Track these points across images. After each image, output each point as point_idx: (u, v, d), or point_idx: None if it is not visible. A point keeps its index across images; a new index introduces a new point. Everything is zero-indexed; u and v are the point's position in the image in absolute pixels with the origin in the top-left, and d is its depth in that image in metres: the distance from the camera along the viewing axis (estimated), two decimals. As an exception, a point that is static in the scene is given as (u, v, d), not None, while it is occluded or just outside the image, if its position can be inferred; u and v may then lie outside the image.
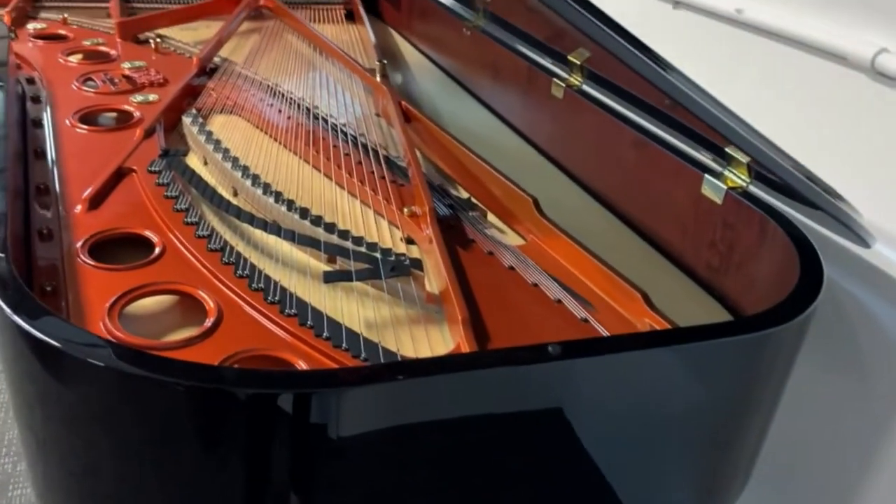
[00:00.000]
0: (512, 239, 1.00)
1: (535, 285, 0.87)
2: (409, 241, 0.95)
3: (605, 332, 0.79)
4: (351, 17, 1.98)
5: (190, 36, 1.67)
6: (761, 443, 0.79)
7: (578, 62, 1.21)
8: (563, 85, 1.22)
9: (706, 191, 0.92)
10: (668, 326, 0.80)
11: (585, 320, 0.81)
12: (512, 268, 0.90)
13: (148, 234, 0.87)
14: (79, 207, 0.91)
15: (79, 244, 0.84)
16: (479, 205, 1.06)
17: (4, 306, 0.60)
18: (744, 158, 0.88)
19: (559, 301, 0.84)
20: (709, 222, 0.92)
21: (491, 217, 1.05)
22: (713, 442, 0.73)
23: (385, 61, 1.44)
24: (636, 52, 0.78)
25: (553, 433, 0.63)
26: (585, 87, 1.20)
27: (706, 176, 0.91)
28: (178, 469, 0.60)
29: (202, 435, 0.58)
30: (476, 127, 1.43)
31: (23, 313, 0.59)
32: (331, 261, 0.88)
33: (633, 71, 0.80)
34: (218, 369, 0.63)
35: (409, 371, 0.56)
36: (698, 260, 0.94)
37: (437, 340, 0.78)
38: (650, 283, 0.87)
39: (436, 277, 0.85)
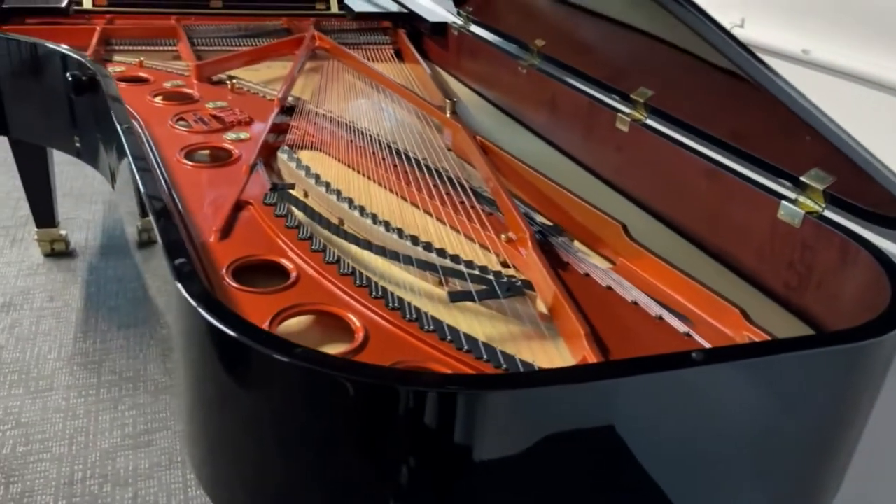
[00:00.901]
0: (599, 262, 1.08)
1: (635, 303, 0.95)
2: (504, 265, 1.03)
3: (707, 346, 0.87)
4: (399, 55, 2.09)
5: (254, 76, 1.77)
6: (853, 452, 0.86)
7: (642, 100, 1.30)
8: (629, 119, 1.31)
9: (783, 216, 1.00)
10: (770, 339, 0.87)
11: (688, 335, 0.89)
12: (609, 288, 0.98)
13: (283, 261, 0.95)
14: (212, 237, 0.99)
15: (223, 270, 0.92)
16: (566, 231, 1.14)
17: (204, 312, 0.68)
18: (820, 185, 0.97)
19: (660, 318, 0.92)
20: (787, 245, 1.00)
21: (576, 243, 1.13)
22: (816, 448, 0.80)
23: (455, 99, 1.53)
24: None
25: (684, 438, 0.71)
26: (650, 122, 1.29)
27: (783, 202, 1.00)
28: (346, 463, 0.68)
29: (375, 431, 0.66)
30: (535, 158, 1.52)
31: (218, 317, 0.67)
32: (442, 283, 0.96)
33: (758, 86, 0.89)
34: (397, 370, 0.71)
35: (583, 375, 0.64)
36: (776, 280, 1.02)
37: (553, 354, 0.86)
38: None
39: (545, 296, 0.93)
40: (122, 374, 1.80)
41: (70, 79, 1.40)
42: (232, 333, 0.65)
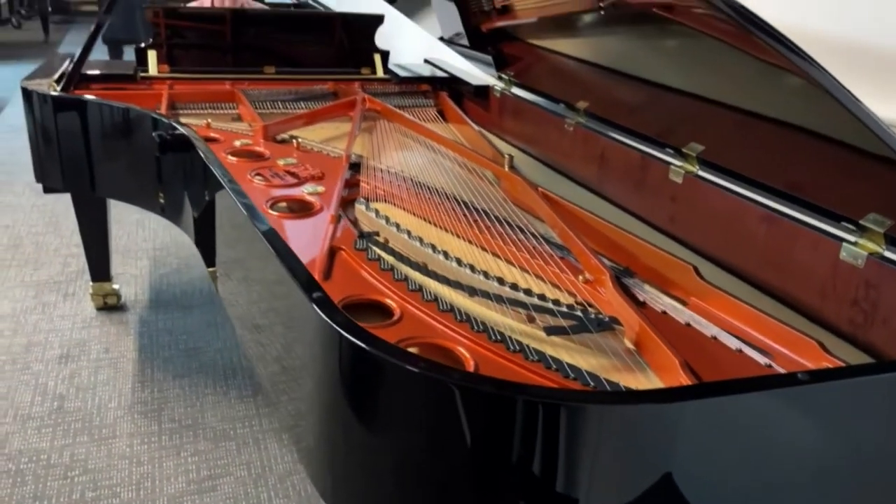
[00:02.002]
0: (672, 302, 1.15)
1: (714, 338, 1.01)
2: (585, 304, 1.09)
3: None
4: (442, 115, 2.20)
5: (312, 135, 1.88)
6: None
7: (693, 154, 1.39)
8: (682, 171, 1.40)
9: (845, 257, 1.08)
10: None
11: (770, 366, 0.95)
12: (688, 324, 1.05)
13: (387, 301, 1.02)
14: (317, 278, 1.07)
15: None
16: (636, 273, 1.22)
17: (342, 330, 0.75)
18: (880, 229, 1.04)
19: (740, 350, 0.98)
20: (850, 284, 1.07)
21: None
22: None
23: (512, 155, 1.63)
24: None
25: (784, 459, 0.77)
26: (702, 173, 1.38)
27: (843, 244, 1.07)
28: (462, 467, 0.74)
29: (496, 439, 0.71)
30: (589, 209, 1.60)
31: (355, 335, 0.74)
32: (530, 320, 1.02)
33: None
34: (521, 385, 0.77)
35: (702, 392, 0.70)
36: (840, 317, 1.09)
37: (647, 385, 0.92)
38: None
39: (632, 331, 0.99)
40: (182, 422, 1.85)
41: (157, 139, 1.50)
42: (391, 359, 0.72)
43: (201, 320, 2.35)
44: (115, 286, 2.40)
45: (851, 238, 1.07)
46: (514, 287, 1.08)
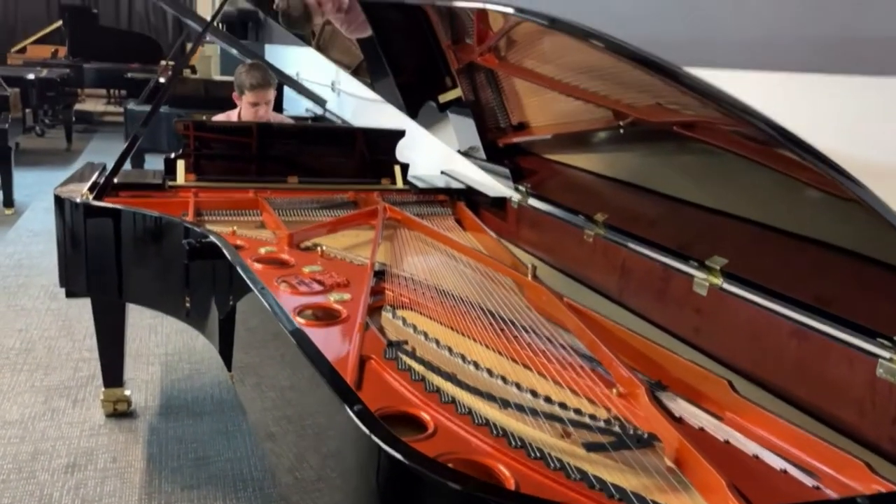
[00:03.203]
0: (707, 417, 1.12)
1: (756, 457, 0.99)
2: (619, 419, 1.07)
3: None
4: (460, 224, 2.24)
5: (334, 242, 1.91)
6: None
7: (717, 267, 1.40)
8: (707, 283, 1.41)
9: (882, 374, 1.06)
10: (898, 490, 0.90)
11: (818, 488, 0.92)
12: (727, 441, 1.02)
13: (423, 415, 1.00)
14: (349, 390, 1.05)
15: (366, 420, 0.97)
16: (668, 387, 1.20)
17: (384, 445, 0.73)
18: (915, 346, 1.04)
19: (784, 471, 0.95)
20: (889, 401, 1.05)
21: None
22: None
23: (536, 265, 1.64)
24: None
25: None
26: (726, 286, 1.38)
27: (880, 360, 1.06)
28: None
29: None
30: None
31: (397, 449, 0.73)
32: (566, 434, 1.00)
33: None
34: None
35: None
36: (881, 435, 1.06)
37: (688, 506, 0.89)
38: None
39: (671, 448, 0.97)
40: (189, 538, 1.77)
41: (187, 246, 1.53)
42: (434, 476, 0.70)
43: (212, 428, 2.30)
44: (127, 392, 2.37)
45: (887, 354, 1.06)
46: (549, 400, 1.07)
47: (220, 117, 3.05)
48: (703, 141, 1.31)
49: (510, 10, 1.20)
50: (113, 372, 2.31)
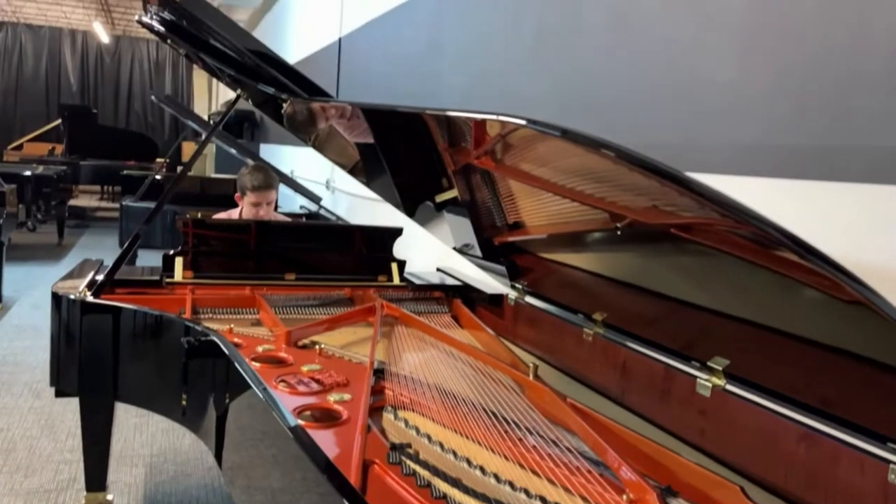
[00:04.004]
0: (719, 525, 1.09)
1: (774, 568, 0.95)
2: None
3: None
4: (457, 320, 2.24)
5: (331, 340, 1.89)
6: None
7: (719, 368, 1.40)
8: (710, 384, 1.40)
9: (894, 479, 1.05)
10: None
11: None
12: (744, 551, 0.99)
13: (429, 523, 0.97)
14: (350, 496, 1.02)
15: (372, 530, 0.93)
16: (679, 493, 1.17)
17: None
18: (927, 449, 1.02)
19: (805, 582, 0.92)
20: (905, 507, 1.03)
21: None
22: None
23: (537, 364, 1.63)
24: None
25: None
26: (730, 387, 1.38)
27: (892, 466, 1.05)
28: None
29: None
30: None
31: None
32: (578, 546, 0.97)
33: None
34: None
35: None
36: (898, 543, 1.03)
37: None
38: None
39: (688, 560, 0.94)
40: None
41: (186, 344, 1.51)
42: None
43: (197, 535, 2.21)
44: (109, 496, 2.28)
45: (897, 458, 1.05)
46: (559, 508, 1.04)
47: (220, 216, 3.09)
48: (700, 242, 1.33)
49: (523, 123, 1.24)
50: (96, 474, 2.22)
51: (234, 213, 3.05)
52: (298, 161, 6.67)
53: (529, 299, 2.13)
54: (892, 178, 1.49)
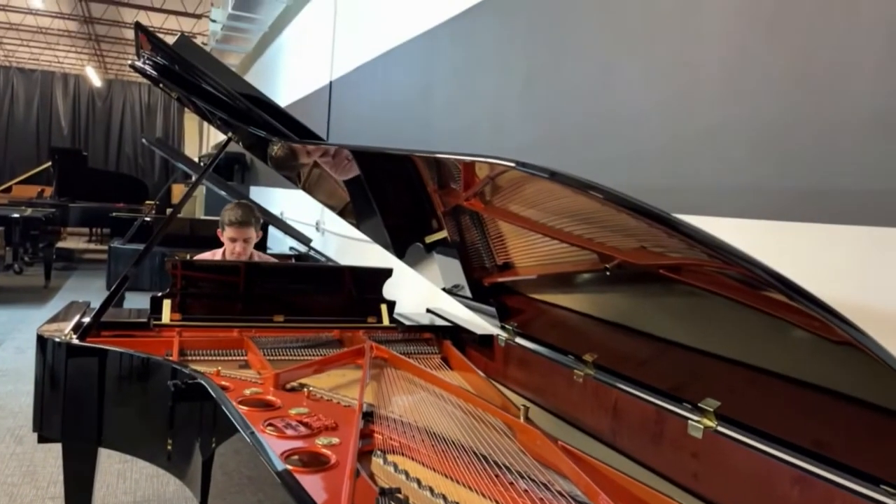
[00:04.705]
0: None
1: None
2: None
3: None
4: (446, 362, 2.23)
5: (320, 382, 1.87)
6: None
7: (711, 409, 1.39)
8: (701, 426, 1.39)
9: (891, 522, 1.04)
10: None
11: None
12: None
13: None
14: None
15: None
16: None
17: None
18: (922, 491, 1.02)
19: None
20: (900, 551, 1.02)
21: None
22: None
23: (528, 406, 1.62)
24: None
25: None
26: (721, 429, 1.37)
27: (887, 507, 1.04)
28: None
29: None
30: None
31: None
32: None
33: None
34: None
35: None
36: (897, 588, 1.02)
37: None
38: None
39: None
40: None
41: (172, 387, 1.49)
42: None
43: (180, 586, 2.14)
44: (91, 546, 2.21)
45: (891, 502, 1.04)
46: (551, 553, 1.02)
47: (204, 255, 3.08)
48: (689, 283, 1.34)
49: (512, 165, 1.26)
50: (78, 523, 2.17)
51: (217, 253, 3.04)
52: (288, 203, 6.69)
53: (520, 340, 2.13)
54: (874, 220, 1.51)
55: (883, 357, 0.87)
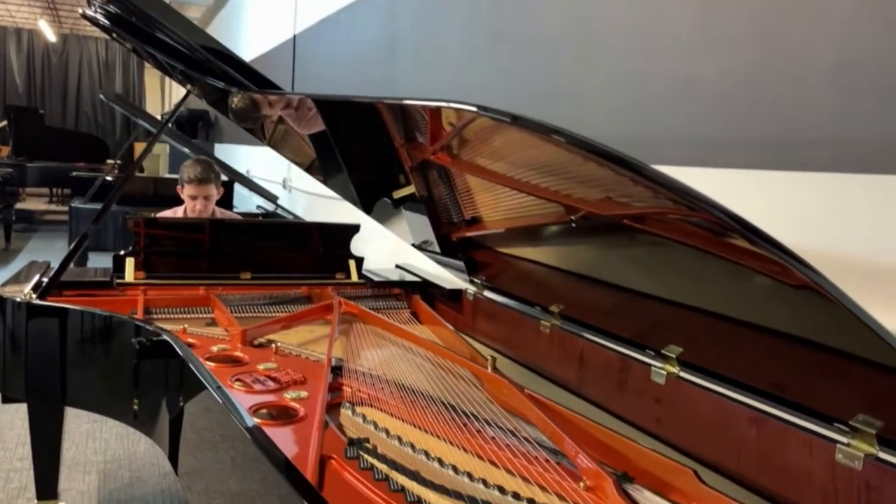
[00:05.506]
0: (674, 509, 1.11)
1: (728, 548, 0.97)
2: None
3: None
4: (416, 317, 2.23)
5: (288, 339, 1.87)
6: None
7: (673, 355, 1.42)
8: (664, 372, 1.42)
9: (841, 459, 1.07)
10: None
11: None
12: (698, 534, 1.01)
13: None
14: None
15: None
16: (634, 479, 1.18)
17: None
18: (871, 430, 1.05)
19: (757, 561, 0.94)
20: (851, 486, 1.06)
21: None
22: None
23: (496, 357, 1.64)
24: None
25: None
26: (684, 375, 1.40)
27: (838, 446, 1.08)
28: None
29: None
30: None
31: None
32: (536, 534, 0.97)
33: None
34: None
35: None
36: (846, 521, 1.06)
37: None
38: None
39: (644, 544, 0.95)
40: None
41: (137, 345, 1.47)
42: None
43: (153, 541, 2.16)
44: (61, 504, 2.22)
45: (844, 440, 1.08)
46: (517, 496, 1.04)
47: (166, 213, 3.03)
48: (653, 233, 1.35)
49: (473, 109, 1.24)
50: (47, 483, 2.16)
51: (178, 211, 3.00)
52: (255, 160, 6.58)
53: (488, 294, 2.14)
54: (837, 167, 1.54)
55: (839, 298, 0.89)
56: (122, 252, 2.18)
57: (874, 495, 1.03)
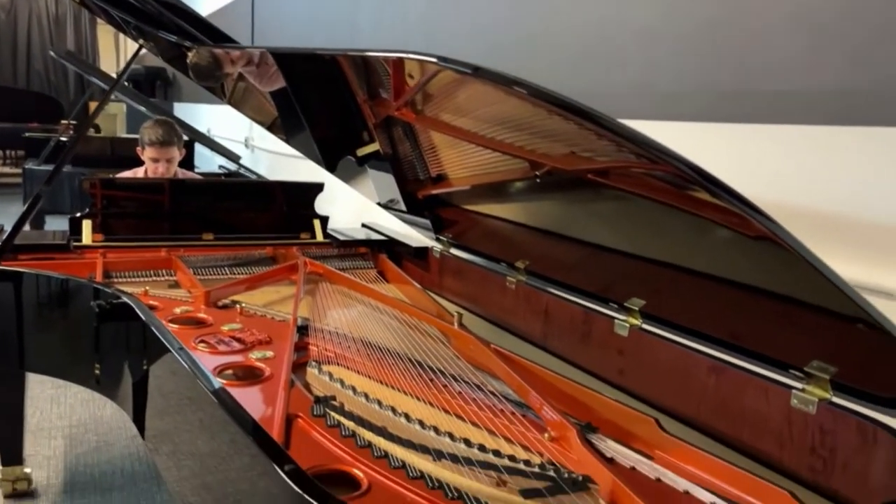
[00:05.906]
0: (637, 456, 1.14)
1: (686, 493, 1.00)
2: (551, 463, 1.07)
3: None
4: (383, 275, 2.23)
5: (253, 299, 1.85)
6: None
7: (636, 308, 1.44)
8: (627, 325, 1.44)
9: (796, 404, 1.11)
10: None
11: (748, 519, 0.94)
12: (658, 479, 1.04)
13: (355, 471, 0.97)
14: (273, 450, 1.01)
15: (295, 481, 0.93)
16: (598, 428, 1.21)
17: None
18: (825, 375, 1.08)
19: (714, 504, 0.97)
20: (805, 431, 1.10)
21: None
22: None
23: (462, 313, 1.64)
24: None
25: None
26: (646, 326, 1.42)
27: (793, 391, 1.11)
28: None
29: None
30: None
31: None
32: (502, 482, 0.99)
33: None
34: None
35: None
36: (801, 465, 1.10)
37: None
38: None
39: (606, 490, 0.97)
40: None
41: (96, 308, 1.45)
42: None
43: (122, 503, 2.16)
44: (27, 470, 2.20)
45: (799, 385, 1.11)
46: (482, 449, 1.06)
47: (125, 174, 2.96)
48: (616, 187, 1.36)
49: (433, 60, 1.22)
50: (11, 448, 2.13)
51: (139, 172, 2.93)
52: (216, 119, 6.43)
53: (454, 251, 2.14)
54: (799, 119, 1.55)
55: (796, 247, 0.91)
56: (78, 214, 2.12)
57: (828, 438, 1.07)
